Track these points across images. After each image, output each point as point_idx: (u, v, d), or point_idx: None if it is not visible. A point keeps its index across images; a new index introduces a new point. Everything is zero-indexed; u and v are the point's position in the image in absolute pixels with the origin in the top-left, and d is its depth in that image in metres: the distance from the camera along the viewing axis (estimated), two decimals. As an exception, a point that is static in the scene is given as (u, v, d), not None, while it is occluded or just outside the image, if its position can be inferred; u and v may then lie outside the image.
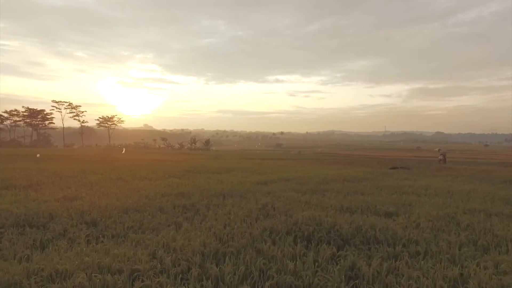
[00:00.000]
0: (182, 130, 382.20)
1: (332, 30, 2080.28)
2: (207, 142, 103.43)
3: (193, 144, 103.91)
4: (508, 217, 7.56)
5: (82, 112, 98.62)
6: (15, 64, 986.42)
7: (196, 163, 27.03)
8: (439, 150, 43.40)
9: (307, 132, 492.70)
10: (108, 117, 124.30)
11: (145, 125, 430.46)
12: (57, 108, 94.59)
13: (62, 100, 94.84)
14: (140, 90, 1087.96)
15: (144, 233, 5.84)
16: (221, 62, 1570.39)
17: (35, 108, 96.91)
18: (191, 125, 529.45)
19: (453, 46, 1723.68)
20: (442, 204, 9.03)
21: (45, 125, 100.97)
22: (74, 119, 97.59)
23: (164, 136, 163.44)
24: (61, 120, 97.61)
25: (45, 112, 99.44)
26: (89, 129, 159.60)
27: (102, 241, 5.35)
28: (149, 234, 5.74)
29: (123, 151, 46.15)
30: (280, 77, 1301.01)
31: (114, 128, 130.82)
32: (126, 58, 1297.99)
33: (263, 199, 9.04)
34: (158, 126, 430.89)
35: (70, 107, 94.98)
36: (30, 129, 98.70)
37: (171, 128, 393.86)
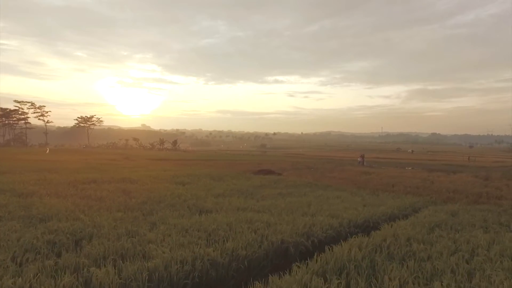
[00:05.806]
0: (177, 130, 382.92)
1: (331, 31, 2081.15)
2: (174, 142, 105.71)
3: (162, 144, 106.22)
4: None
5: (47, 112, 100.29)
6: (14, 64, 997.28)
7: (82, 163, 28.29)
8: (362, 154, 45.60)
9: (302, 133, 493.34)
10: (86, 117, 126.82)
11: (143, 125, 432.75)
12: (20, 108, 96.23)
13: (25, 100, 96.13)
14: (139, 90, 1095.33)
15: None
16: (220, 63, 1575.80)
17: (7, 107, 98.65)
18: (190, 125, 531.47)
19: (452, 48, 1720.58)
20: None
21: (20, 124, 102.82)
22: (39, 119, 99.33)
23: (160, 136, 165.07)
24: (27, 120, 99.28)
25: (20, 112, 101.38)
26: (82, 129, 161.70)
27: None
28: None
29: (47, 151, 48.13)
30: (279, 77, 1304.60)
31: (93, 128, 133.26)
32: (125, 58, 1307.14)
33: None
34: (156, 126, 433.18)
35: (33, 107, 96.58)
36: (4, 128, 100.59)
37: (169, 128, 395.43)
